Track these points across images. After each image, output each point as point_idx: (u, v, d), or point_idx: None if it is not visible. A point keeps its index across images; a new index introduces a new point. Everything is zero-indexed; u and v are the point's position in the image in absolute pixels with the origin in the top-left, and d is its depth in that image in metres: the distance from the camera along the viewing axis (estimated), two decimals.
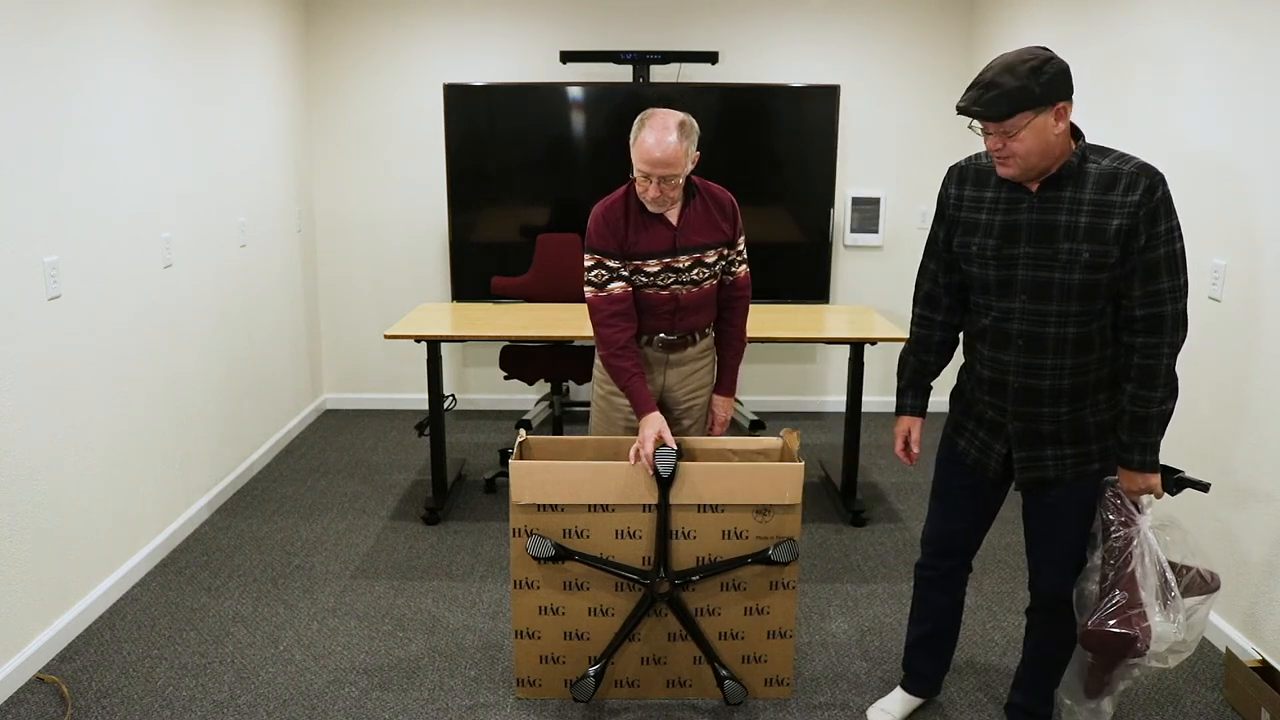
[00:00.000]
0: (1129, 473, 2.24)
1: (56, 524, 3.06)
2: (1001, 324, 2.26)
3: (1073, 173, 2.14)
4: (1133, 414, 2.19)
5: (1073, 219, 2.14)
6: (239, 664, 3.00)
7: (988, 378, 2.33)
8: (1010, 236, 2.21)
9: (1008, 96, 2.04)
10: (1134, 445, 2.21)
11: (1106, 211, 2.11)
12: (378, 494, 4.39)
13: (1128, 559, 2.26)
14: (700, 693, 2.84)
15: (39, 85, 2.95)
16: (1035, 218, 2.18)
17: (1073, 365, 2.22)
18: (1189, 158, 3.27)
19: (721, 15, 5.23)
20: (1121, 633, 2.23)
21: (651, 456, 2.62)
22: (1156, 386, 2.16)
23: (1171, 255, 2.11)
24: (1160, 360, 2.15)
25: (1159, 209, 2.09)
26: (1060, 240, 2.15)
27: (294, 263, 5.14)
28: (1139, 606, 2.23)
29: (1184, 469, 2.31)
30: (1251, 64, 2.95)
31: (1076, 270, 2.15)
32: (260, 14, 4.63)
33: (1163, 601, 2.25)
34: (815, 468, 4.74)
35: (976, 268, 2.28)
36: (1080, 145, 2.16)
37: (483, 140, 5.00)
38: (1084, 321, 2.19)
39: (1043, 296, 2.19)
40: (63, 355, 3.08)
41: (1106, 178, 2.12)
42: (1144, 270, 2.12)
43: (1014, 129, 2.07)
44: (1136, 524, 2.27)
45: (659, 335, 2.92)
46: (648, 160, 2.64)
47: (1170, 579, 2.25)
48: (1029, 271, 2.20)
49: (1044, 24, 4.35)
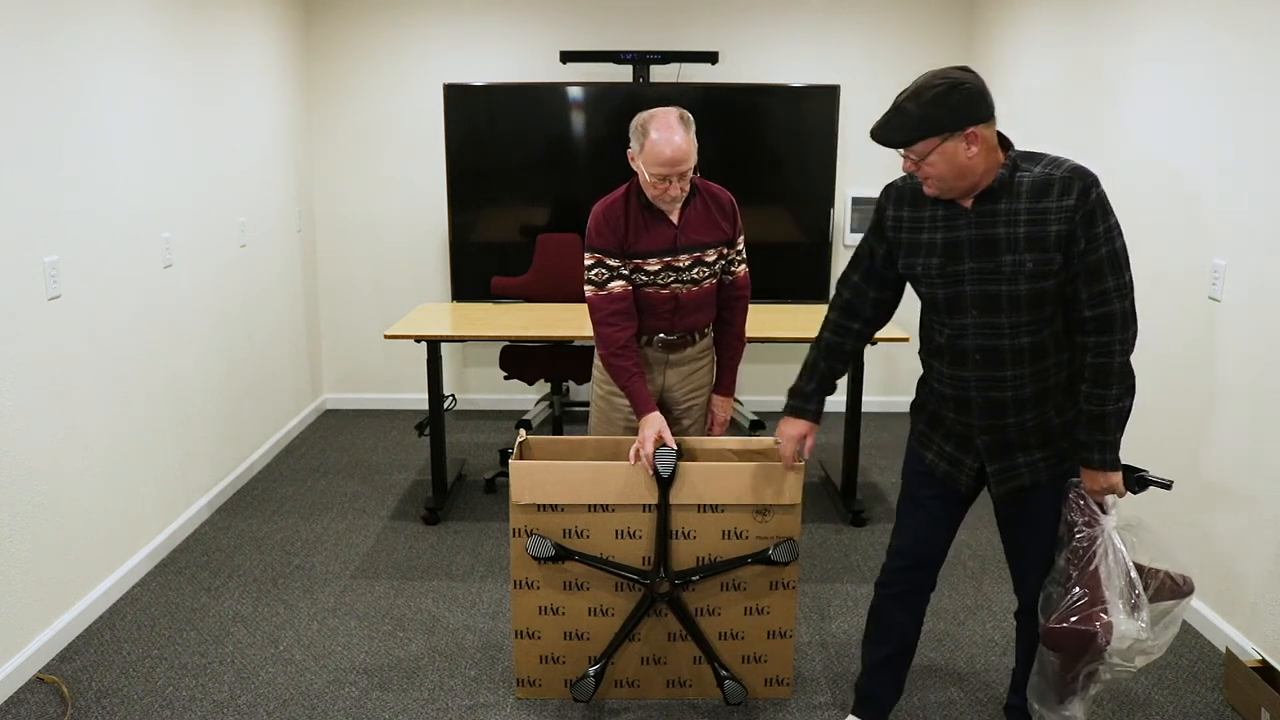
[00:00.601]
0: (1090, 472, 2.24)
1: (56, 524, 3.07)
2: (957, 340, 2.26)
3: (1005, 185, 2.13)
4: (1090, 413, 2.20)
5: (1012, 230, 2.13)
6: (239, 664, 3.00)
7: (950, 395, 2.33)
8: (953, 254, 2.21)
9: (909, 124, 2.06)
10: (1093, 444, 2.21)
11: (1044, 219, 2.11)
12: (378, 494, 4.39)
13: (1091, 558, 2.25)
14: (700, 693, 2.84)
15: (39, 85, 2.95)
16: (975, 233, 2.17)
17: (1032, 373, 2.22)
18: (1189, 158, 3.27)
19: (721, 15, 5.23)
20: (1081, 629, 2.22)
21: (651, 456, 2.62)
22: (1111, 384, 2.16)
23: (1113, 254, 2.11)
24: (1113, 358, 2.15)
25: (1095, 211, 2.09)
26: (1003, 253, 2.15)
27: (294, 263, 5.14)
28: (1101, 604, 2.22)
29: (1147, 469, 2.31)
30: (1252, 64, 2.95)
31: (1022, 281, 2.15)
32: (260, 14, 4.63)
33: (1127, 600, 2.23)
34: (815, 468, 4.74)
35: (924, 287, 2.28)
36: (1010, 155, 2.15)
37: (483, 140, 5.00)
38: (1036, 329, 2.19)
39: (992, 310, 2.19)
40: (63, 355, 3.08)
41: (1040, 185, 2.12)
42: (1087, 272, 2.11)
43: (920, 154, 2.09)
44: (1100, 524, 2.27)
45: (659, 335, 2.92)
46: (664, 162, 2.63)
47: (1135, 579, 2.24)
48: (975, 286, 2.19)
49: (1044, 24, 4.35)
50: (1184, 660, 3.06)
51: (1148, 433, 3.51)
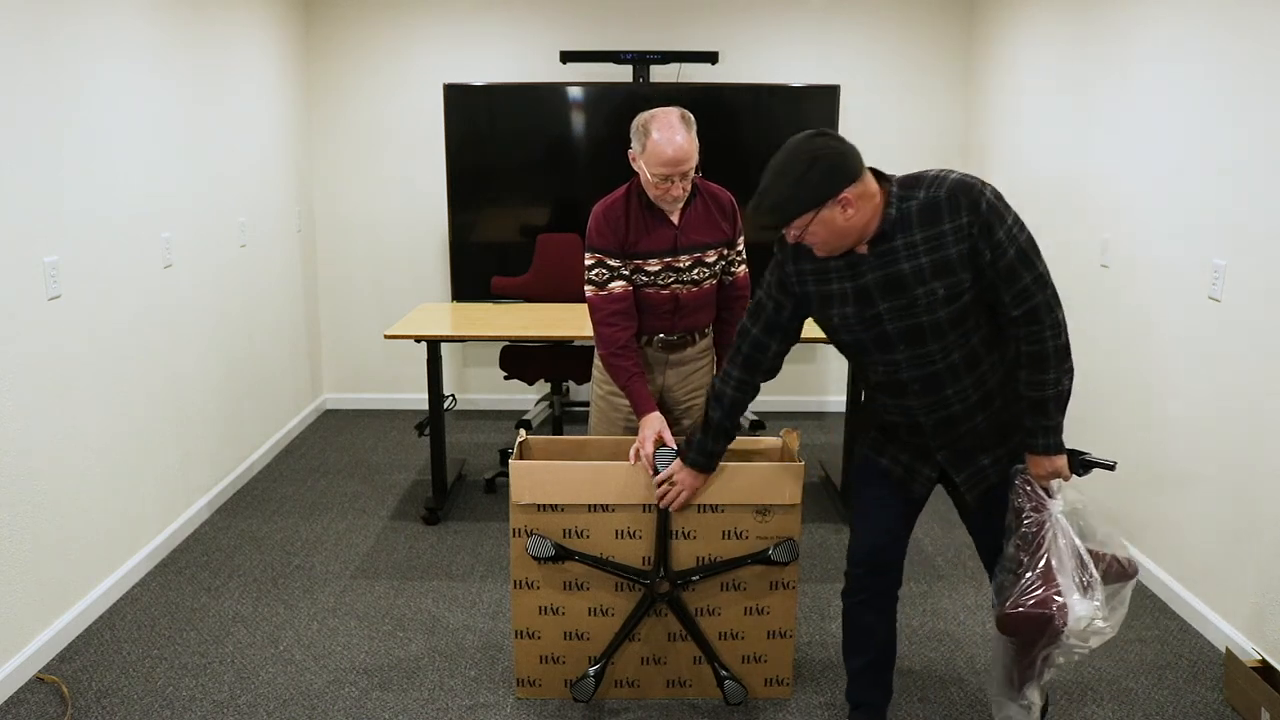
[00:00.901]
0: (1035, 457, 2.25)
1: (56, 524, 3.06)
2: (892, 375, 2.27)
3: (896, 221, 2.13)
4: (1030, 399, 2.20)
5: (915, 263, 2.13)
6: (239, 664, 3.00)
7: (900, 421, 2.34)
8: (865, 299, 2.20)
9: (780, 207, 2.07)
10: (1037, 429, 2.22)
11: (942, 244, 2.11)
12: (378, 494, 4.39)
13: (1040, 543, 2.26)
14: (700, 693, 2.84)
15: (39, 85, 2.95)
16: (880, 274, 2.17)
17: (972, 382, 2.23)
18: (1189, 158, 3.27)
19: (721, 15, 5.23)
20: (1038, 612, 2.22)
21: (651, 457, 2.62)
22: (1048, 369, 2.16)
23: (1020, 252, 2.10)
24: (1046, 343, 2.14)
25: (990, 220, 2.08)
26: (913, 287, 2.15)
27: (294, 263, 5.14)
28: (1054, 587, 2.23)
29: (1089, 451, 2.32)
30: (1252, 64, 2.95)
31: (939, 308, 2.15)
32: (260, 14, 4.63)
33: (1080, 581, 2.23)
34: (815, 468, 4.74)
35: (847, 336, 2.28)
36: (891, 191, 2.14)
37: (483, 140, 5.00)
38: (964, 343, 2.20)
39: (918, 341, 2.20)
40: (63, 355, 3.08)
41: (929, 211, 2.12)
42: (1003, 277, 2.11)
43: (800, 228, 2.10)
44: (1048, 509, 2.27)
45: (659, 335, 2.92)
46: (665, 162, 2.63)
47: (1086, 560, 2.24)
48: (896, 324, 2.19)
49: (1044, 24, 4.35)
50: (1184, 660, 3.06)
51: (1148, 432, 3.51)
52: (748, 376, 2.44)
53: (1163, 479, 3.43)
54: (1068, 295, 4.13)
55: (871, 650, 2.54)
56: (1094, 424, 3.89)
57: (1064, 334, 2.16)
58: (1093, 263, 3.92)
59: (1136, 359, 3.58)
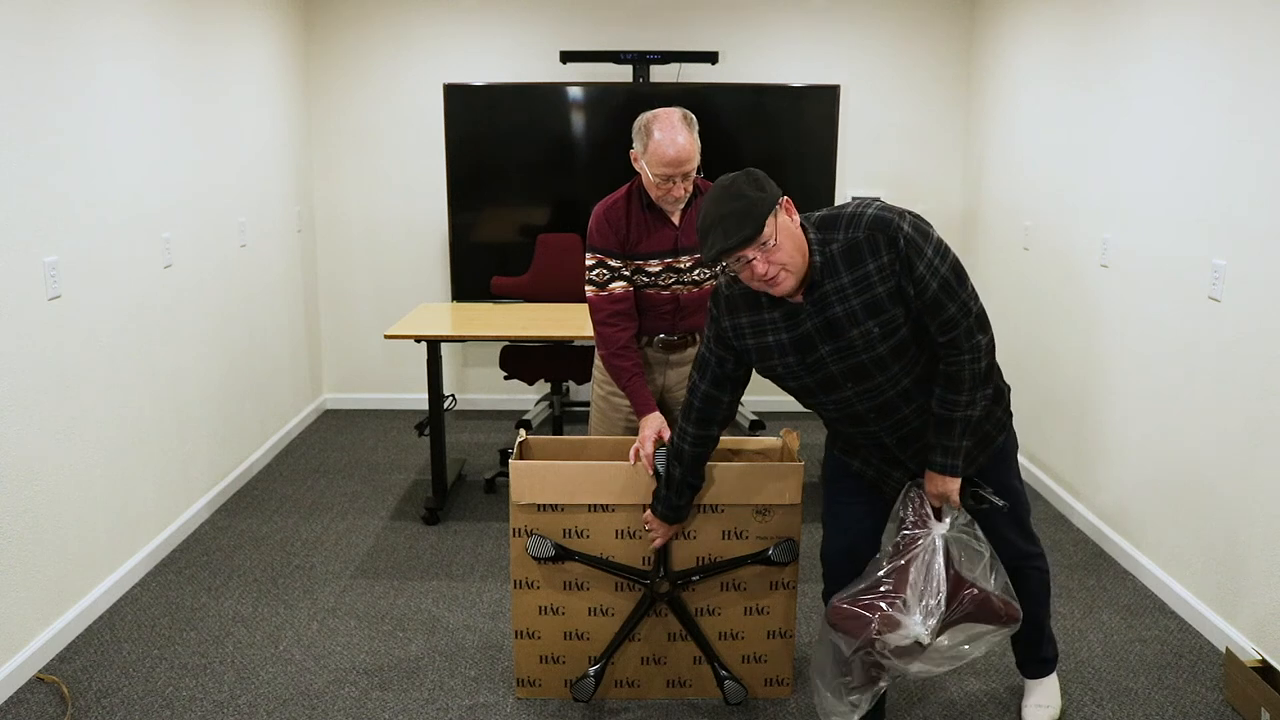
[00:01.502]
0: (931, 475, 2.26)
1: (56, 524, 3.06)
2: (846, 409, 2.28)
3: (822, 266, 2.13)
4: (939, 416, 2.21)
5: (846, 306, 2.14)
6: (239, 664, 3.00)
7: (865, 443, 2.36)
8: (804, 346, 2.21)
9: (747, 214, 2.03)
10: (937, 447, 2.23)
11: (869, 284, 2.11)
12: (378, 494, 4.39)
13: (906, 555, 2.27)
14: (700, 692, 2.84)
15: (39, 85, 2.95)
16: (817, 321, 2.17)
17: (926, 396, 2.24)
18: (1189, 158, 3.27)
19: (721, 15, 5.23)
20: (859, 613, 2.25)
21: (652, 457, 2.62)
22: (961, 391, 2.17)
23: (944, 284, 2.10)
24: (964, 367, 2.15)
25: (909, 256, 2.08)
26: (848, 329, 2.15)
27: (294, 263, 5.14)
28: (893, 599, 2.23)
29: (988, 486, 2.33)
30: (1252, 64, 2.95)
31: (878, 344, 2.16)
32: (260, 14, 4.63)
33: (924, 605, 2.23)
34: (815, 468, 4.73)
35: (793, 382, 2.28)
36: (811, 236, 2.14)
37: (483, 140, 5.00)
38: (911, 367, 2.21)
39: (864, 377, 2.20)
40: (63, 355, 3.08)
41: (851, 253, 2.12)
42: (928, 309, 2.12)
43: (769, 239, 2.05)
44: (929, 528, 2.28)
45: (659, 336, 2.92)
46: (667, 162, 2.64)
47: (942, 589, 2.22)
48: (839, 365, 2.20)
49: (1045, 23, 4.35)
50: (1184, 660, 3.06)
51: (1148, 432, 3.51)
52: (704, 431, 2.44)
53: (1162, 479, 3.43)
54: (1068, 295, 4.13)
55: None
56: (1094, 424, 3.89)
57: (985, 359, 2.16)
58: (1093, 263, 3.92)
59: (1136, 359, 3.58)
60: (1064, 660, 3.03)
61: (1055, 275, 4.26)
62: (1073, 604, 3.40)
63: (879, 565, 2.32)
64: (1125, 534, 3.69)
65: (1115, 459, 3.74)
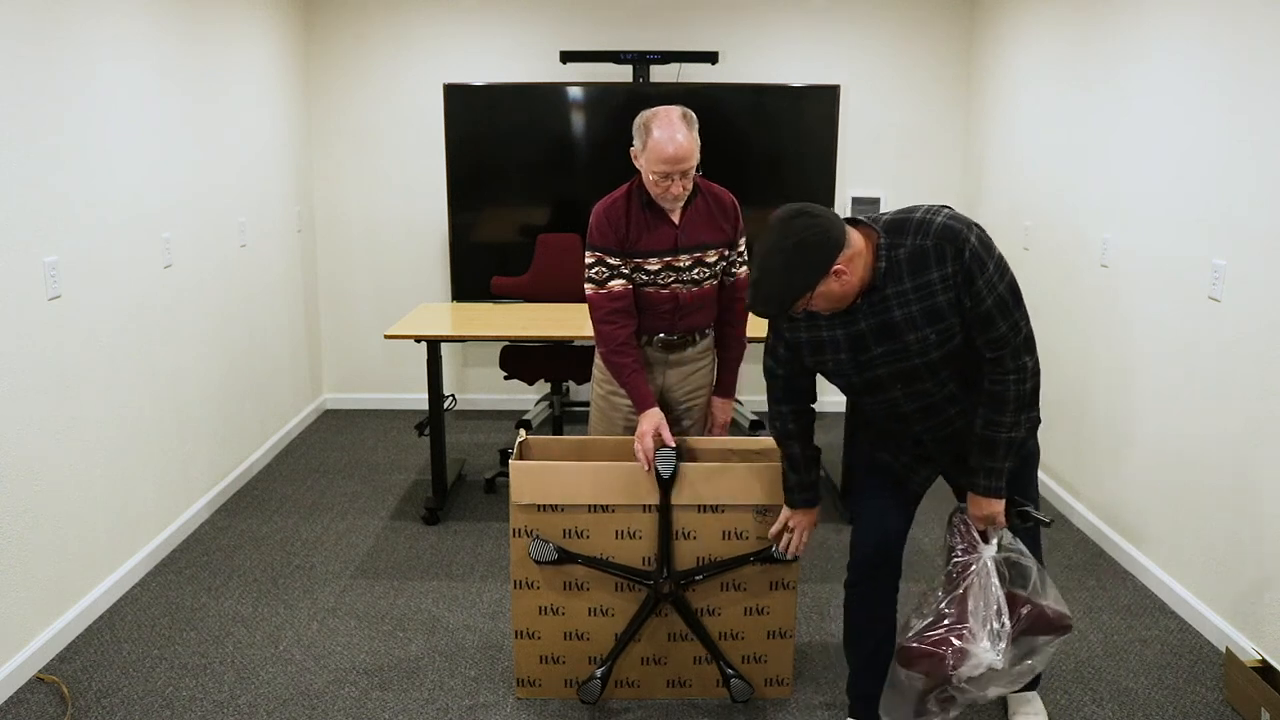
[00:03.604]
0: (975, 498, 2.27)
1: (56, 524, 3.06)
2: (893, 410, 2.30)
3: (884, 273, 2.15)
4: (983, 438, 2.22)
5: (906, 310, 2.15)
6: (239, 664, 3.00)
7: (905, 441, 2.38)
8: (858, 345, 2.22)
9: (774, 298, 2.06)
10: (980, 469, 2.24)
11: (931, 292, 2.13)
12: (378, 494, 4.39)
13: (962, 584, 2.28)
14: (701, 692, 2.84)
15: (39, 85, 2.95)
16: (874, 321, 2.19)
17: (971, 400, 2.26)
18: (1189, 157, 3.27)
19: (721, 15, 5.23)
20: (931, 651, 2.25)
21: (651, 451, 2.62)
22: (1005, 412, 2.18)
23: (999, 301, 2.12)
24: (1008, 387, 2.17)
25: (971, 268, 2.09)
26: (905, 334, 2.17)
27: (294, 263, 5.14)
28: (960, 630, 2.24)
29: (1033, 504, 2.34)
30: (1253, 64, 2.95)
31: (932, 350, 2.17)
32: (260, 14, 4.63)
33: (990, 630, 2.24)
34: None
35: (840, 380, 2.30)
36: (879, 241, 2.15)
37: (483, 140, 5.00)
38: (959, 372, 2.23)
39: (914, 380, 2.22)
40: (63, 355, 3.08)
41: (917, 260, 2.13)
42: (979, 323, 2.13)
43: (803, 307, 2.10)
44: (979, 552, 2.29)
45: (659, 335, 2.92)
46: (666, 159, 2.64)
47: (1003, 609, 2.24)
48: (890, 367, 2.22)
49: (1045, 23, 4.35)
50: (1184, 660, 3.06)
51: (1148, 432, 3.51)
52: (798, 405, 2.44)
53: (1162, 479, 3.43)
54: (1068, 295, 4.13)
55: (873, 639, 2.55)
56: (1094, 424, 3.89)
57: (1030, 381, 2.17)
58: (1093, 263, 3.92)
59: (1136, 359, 3.58)
60: (1064, 660, 3.04)
61: (1055, 275, 4.26)
62: (1073, 604, 3.40)
63: (936, 598, 2.31)
64: (1125, 534, 3.69)
65: (1115, 459, 3.74)
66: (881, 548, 2.46)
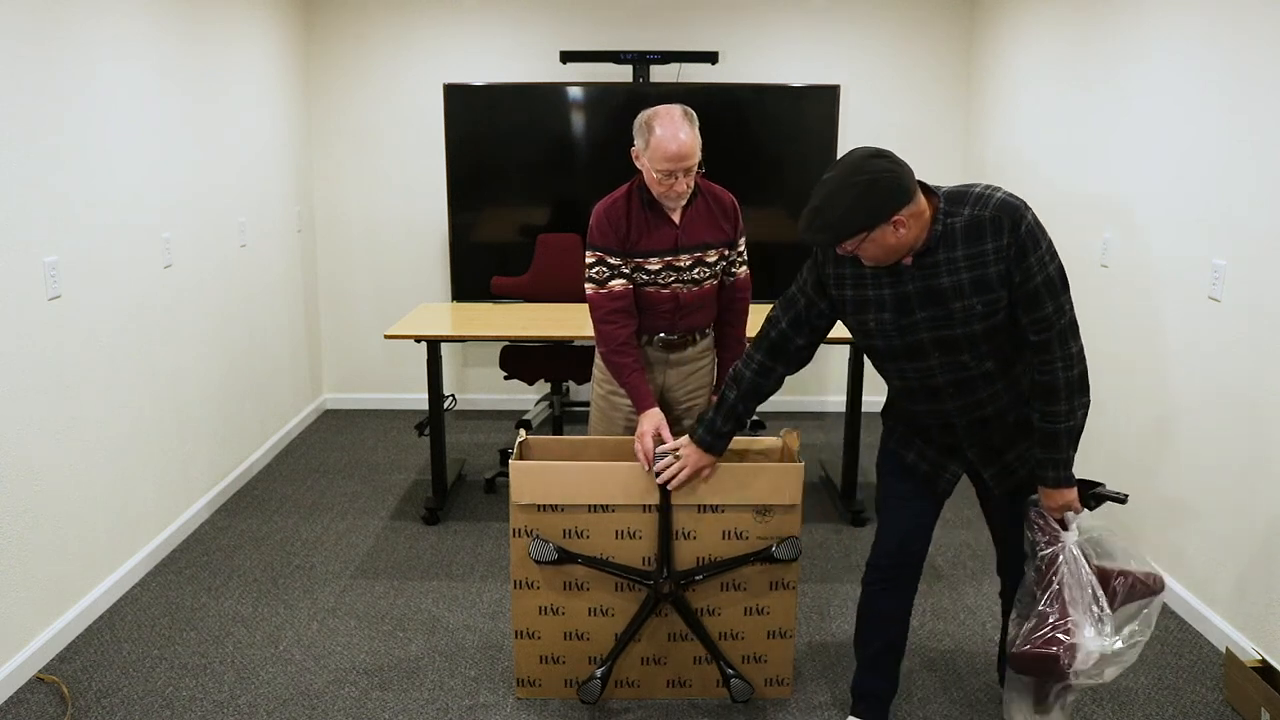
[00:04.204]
0: (1047, 490, 2.28)
1: (56, 524, 3.06)
2: (926, 380, 2.30)
3: (939, 236, 2.16)
4: (1043, 431, 2.23)
5: (955, 278, 2.17)
6: (239, 664, 3.00)
7: (933, 424, 2.38)
8: (903, 307, 2.23)
9: (832, 228, 2.07)
10: (1047, 462, 2.25)
11: (983, 262, 2.14)
12: (378, 494, 4.39)
13: (1053, 577, 2.28)
14: (701, 692, 2.84)
15: (39, 85, 2.95)
16: (920, 285, 2.20)
17: (1005, 384, 2.27)
18: (1189, 157, 3.27)
19: (721, 15, 5.23)
20: (1043, 653, 2.26)
21: (651, 451, 2.62)
22: (1058, 401, 2.19)
23: (1048, 281, 2.14)
24: (1056, 375, 2.18)
25: (1025, 244, 2.11)
26: (951, 301, 2.18)
27: (294, 263, 5.14)
28: (1064, 625, 2.25)
29: (1104, 482, 2.36)
30: (1253, 64, 2.95)
31: (975, 321, 2.18)
32: (260, 14, 4.63)
33: (1092, 616, 2.25)
34: (815, 468, 4.74)
35: (880, 341, 2.30)
36: (938, 206, 2.16)
37: (483, 140, 5.00)
38: (998, 350, 2.23)
39: (953, 349, 2.23)
40: (63, 355, 3.08)
41: (972, 230, 2.15)
42: (1026, 301, 2.15)
43: (853, 246, 2.11)
44: (1061, 540, 2.29)
45: (659, 335, 2.92)
46: (670, 157, 2.64)
47: (1099, 592, 2.26)
48: (932, 333, 2.23)
49: (1045, 23, 4.35)
50: (1184, 660, 3.06)
51: (1147, 432, 3.51)
52: (770, 362, 2.44)
53: (1162, 479, 3.43)
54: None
55: (884, 638, 2.56)
56: (1093, 424, 3.89)
57: (1077, 367, 2.18)
58: (1093, 263, 3.92)
59: (1136, 359, 3.58)
60: None
61: None
62: None
63: (1034, 597, 2.31)
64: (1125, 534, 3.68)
65: (1114, 458, 3.74)
66: (905, 545, 2.47)
